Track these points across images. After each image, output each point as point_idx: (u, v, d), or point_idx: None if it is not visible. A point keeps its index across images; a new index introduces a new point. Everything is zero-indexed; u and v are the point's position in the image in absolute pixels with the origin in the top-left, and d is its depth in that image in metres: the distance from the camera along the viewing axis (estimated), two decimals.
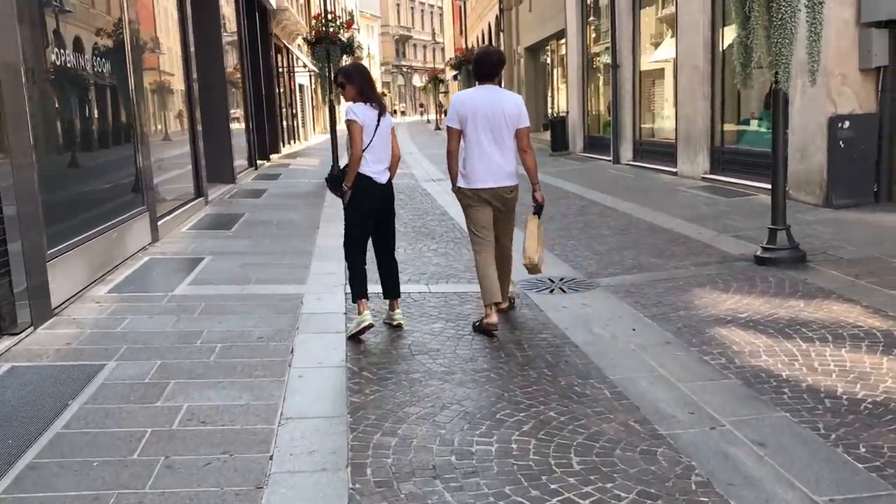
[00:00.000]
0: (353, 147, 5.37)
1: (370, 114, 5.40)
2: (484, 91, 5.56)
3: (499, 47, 33.26)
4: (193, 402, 4.17)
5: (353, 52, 16.63)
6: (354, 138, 5.36)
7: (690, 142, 13.18)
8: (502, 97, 5.61)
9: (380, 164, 5.52)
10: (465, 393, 4.34)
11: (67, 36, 6.84)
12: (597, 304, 6.14)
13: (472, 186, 5.54)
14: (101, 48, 7.64)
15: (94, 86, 7.38)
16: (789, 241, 6.99)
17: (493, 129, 5.47)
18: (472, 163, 5.52)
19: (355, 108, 5.38)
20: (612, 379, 4.53)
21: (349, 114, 5.37)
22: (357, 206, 5.52)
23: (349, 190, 5.44)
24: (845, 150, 9.33)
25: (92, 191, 7.17)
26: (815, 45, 6.47)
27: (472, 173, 5.53)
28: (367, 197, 5.51)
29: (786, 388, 4.29)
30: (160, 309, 6.02)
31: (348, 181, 5.43)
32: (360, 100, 5.45)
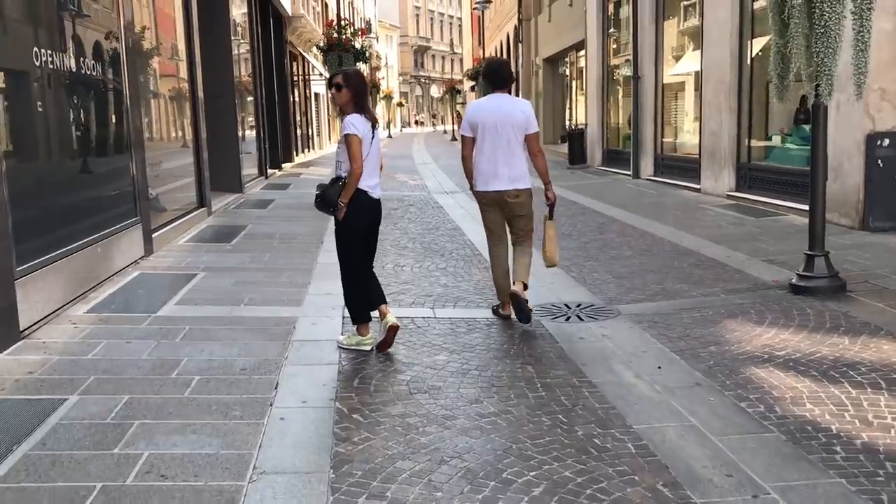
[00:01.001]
0: (354, 162, 5.01)
1: (366, 126, 5.14)
2: (494, 99, 5.88)
3: (517, 58, 32.95)
4: (156, 449, 3.65)
5: (366, 60, 16.21)
6: (355, 153, 5.01)
7: (715, 157, 12.60)
8: (510, 105, 5.90)
9: (373, 178, 5.24)
10: (468, 444, 3.79)
11: (51, 35, 6.38)
12: (618, 336, 5.58)
13: (480, 189, 5.93)
14: (91, 49, 7.17)
15: (82, 89, 6.90)
16: (828, 269, 6.40)
17: (499, 136, 5.77)
18: (480, 167, 5.87)
19: (354, 121, 5.05)
20: (637, 429, 3.97)
21: (348, 127, 5.03)
22: (352, 224, 5.17)
23: (344, 207, 5.06)
24: (884, 170, 8.73)
25: (75, 202, 6.67)
26: (863, 56, 5.91)
27: (479, 177, 5.89)
28: (364, 213, 5.20)
29: (837, 446, 3.71)
30: (139, 332, 5.51)
31: (345, 197, 5.05)
32: (352, 109, 5.12)
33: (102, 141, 7.59)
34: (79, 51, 6.84)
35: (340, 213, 5.08)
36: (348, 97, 5.13)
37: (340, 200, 5.04)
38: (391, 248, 9.00)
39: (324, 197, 5.13)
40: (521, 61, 32.32)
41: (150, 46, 9.64)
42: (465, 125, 5.94)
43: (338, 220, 5.17)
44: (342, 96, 5.13)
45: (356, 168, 4.99)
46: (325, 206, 5.16)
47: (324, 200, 5.14)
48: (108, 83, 7.60)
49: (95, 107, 7.34)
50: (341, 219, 5.12)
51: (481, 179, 5.88)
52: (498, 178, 5.80)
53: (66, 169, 6.67)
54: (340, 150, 5.16)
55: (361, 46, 15.94)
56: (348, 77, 5.21)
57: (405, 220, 11.23)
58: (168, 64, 10.60)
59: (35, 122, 6.09)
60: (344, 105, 5.14)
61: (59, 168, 6.52)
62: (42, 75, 6.04)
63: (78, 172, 6.90)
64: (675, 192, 13.60)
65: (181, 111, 11.10)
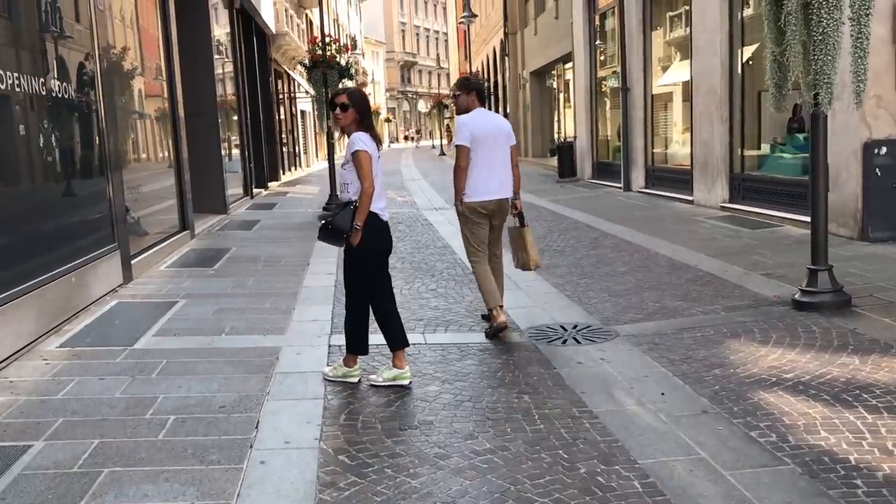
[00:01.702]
0: (366, 180, 4.72)
1: (373, 144, 4.87)
2: (484, 113, 6.20)
3: (504, 72, 32.85)
4: (126, 501, 3.37)
5: (352, 77, 15.96)
6: (366, 170, 4.73)
7: (707, 168, 12.41)
8: (499, 119, 6.44)
9: (382, 199, 5.00)
10: (463, 486, 3.52)
11: (17, 55, 6.12)
12: (617, 360, 5.33)
13: (482, 199, 6.01)
14: (63, 70, 6.92)
15: (52, 111, 6.63)
16: (832, 283, 6.18)
17: (498, 147, 6.06)
18: (483, 178, 6.00)
19: (363, 138, 4.79)
20: (642, 465, 3.71)
21: (357, 143, 4.75)
22: (369, 249, 4.86)
23: (360, 230, 4.74)
24: (882, 178, 8.54)
25: (47, 229, 6.38)
26: (862, 62, 5.71)
27: (482, 188, 6.01)
28: (381, 236, 4.95)
29: (858, 480, 3.47)
30: (114, 368, 5.23)
31: (361, 219, 4.73)
32: (358, 128, 4.85)
33: (75, 164, 7.31)
34: (49, 72, 6.58)
35: (356, 237, 4.75)
36: (353, 117, 4.85)
37: (356, 224, 4.72)
38: None
39: (334, 224, 4.78)
40: (509, 75, 32.22)
41: (128, 66, 9.39)
42: (465, 136, 5.95)
43: (350, 248, 4.82)
44: (347, 117, 4.85)
45: (369, 186, 4.70)
46: (334, 234, 4.81)
47: (334, 228, 4.78)
48: (80, 104, 7.33)
49: (67, 129, 7.07)
50: (356, 244, 4.78)
51: (479, 190, 6.00)
52: (496, 188, 6.06)
53: (37, 195, 6.38)
54: (346, 171, 4.83)
55: (347, 63, 15.67)
56: (353, 96, 4.94)
57: (394, 239, 10.93)
58: (147, 83, 10.34)
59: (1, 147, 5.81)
60: (347, 126, 4.87)
61: (28, 194, 6.24)
62: (7, 98, 5.77)
63: (50, 198, 6.63)
64: (668, 204, 13.40)
65: (162, 131, 10.84)
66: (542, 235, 10.82)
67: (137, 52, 9.87)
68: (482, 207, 6.05)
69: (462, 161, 5.97)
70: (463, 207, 6.07)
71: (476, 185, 6.00)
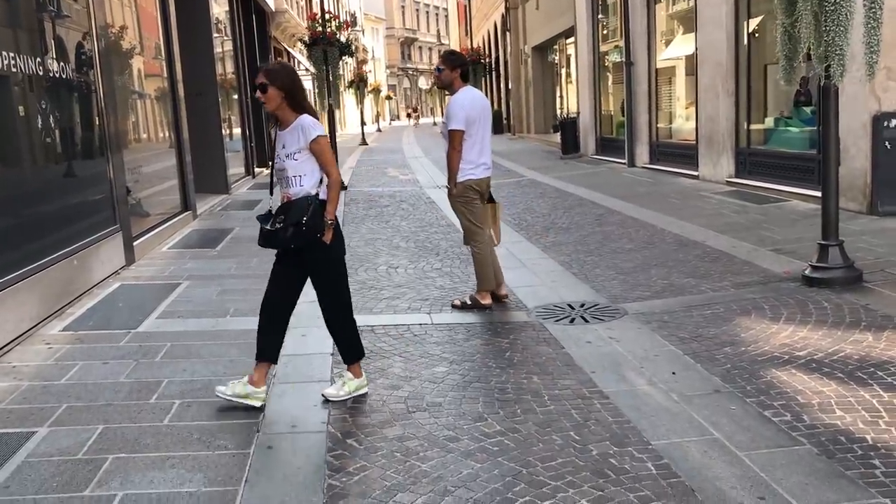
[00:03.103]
0: (333, 167, 4.19)
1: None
2: (472, 91, 6.19)
3: (505, 47, 32.56)
4: (131, 488, 3.32)
5: (352, 54, 15.83)
6: (331, 157, 4.23)
7: (713, 143, 12.28)
8: (483, 96, 6.46)
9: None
10: (474, 469, 3.47)
11: (14, 35, 6.01)
12: (626, 338, 5.26)
13: (477, 177, 6.04)
14: (61, 50, 6.81)
15: (51, 92, 6.53)
16: (843, 259, 6.09)
17: (486, 125, 6.15)
18: (476, 156, 6.01)
19: (317, 121, 4.20)
20: (655, 445, 3.65)
21: (316, 128, 4.14)
22: (341, 243, 4.35)
23: (333, 223, 4.20)
24: (892, 152, 8.42)
25: (48, 212, 6.31)
26: (875, 34, 5.59)
27: (472, 166, 6.00)
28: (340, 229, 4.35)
29: (876, 460, 3.40)
30: (118, 351, 5.17)
31: (332, 211, 4.18)
32: (294, 111, 4.15)
33: (75, 145, 7.23)
34: (47, 52, 6.47)
35: (330, 232, 4.18)
36: (279, 98, 4.10)
37: (328, 218, 4.14)
38: (384, 248, 8.66)
39: (308, 225, 4.07)
40: (510, 50, 31.94)
41: (127, 45, 9.27)
42: (460, 120, 5.89)
43: (322, 248, 4.19)
44: (271, 99, 4.09)
45: (337, 174, 4.18)
46: (307, 235, 4.10)
47: (309, 228, 4.08)
48: (79, 84, 7.23)
49: (66, 110, 6.98)
50: (330, 239, 4.21)
51: (476, 168, 6.02)
52: (487, 165, 6.15)
53: (37, 177, 6.31)
54: (299, 161, 4.12)
55: (347, 40, 15.53)
56: (273, 73, 4.13)
57: (397, 218, 10.89)
58: (146, 63, 10.22)
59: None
60: (277, 109, 4.13)
61: (27, 176, 6.16)
62: (6, 79, 5.67)
63: (50, 180, 6.55)
64: (673, 179, 13.28)
65: (162, 111, 10.73)
66: (546, 213, 10.75)
67: (136, 31, 9.75)
68: (477, 185, 6.07)
69: (457, 145, 5.92)
70: (459, 188, 6.04)
71: (470, 164, 6.00)
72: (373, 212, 11.58)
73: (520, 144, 25.48)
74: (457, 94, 6.03)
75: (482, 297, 6.13)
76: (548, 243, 8.60)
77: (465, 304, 6.12)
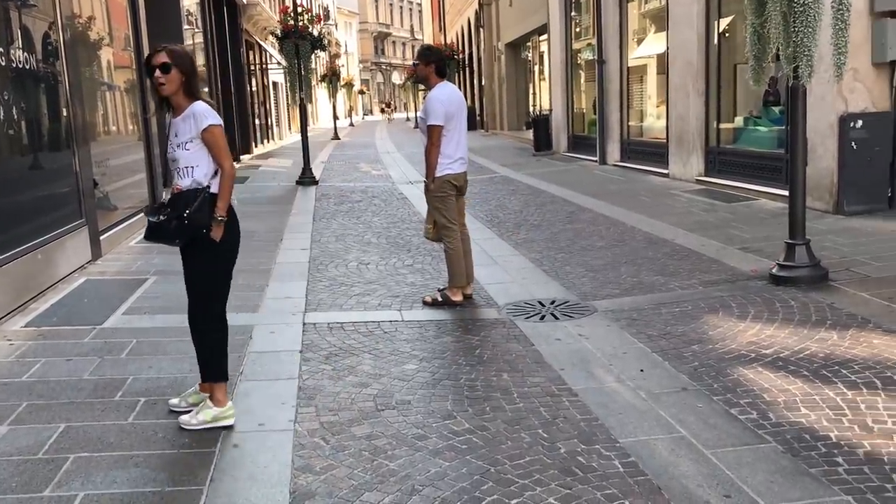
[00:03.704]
0: (226, 159, 3.83)
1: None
2: (450, 87, 6.22)
3: (479, 43, 32.54)
4: (93, 488, 3.26)
5: (325, 48, 15.71)
6: (224, 147, 3.84)
7: (683, 141, 12.37)
8: (459, 92, 6.47)
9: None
10: (442, 468, 3.45)
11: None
12: (595, 336, 5.28)
13: (455, 172, 6.09)
14: (23, 40, 6.67)
15: (14, 82, 6.39)
16: (809, 258, 6.16)
17: (462, 121, 6.16)
18: (455, 150, 6.06)
19: (211, 109, 3.85)
20: (623, 444, 3.66)
21: (209, 116, 3.78)
22: (233, 243, 3.94)
23: (223, 220, 3.81)
24: (858, 152, 8.53)
25: (10, 205, 6.18)
26: (842, 35, 5.65)
27: (455, 160, 6.07)
28: (238, 226, 3.97)
29: (839, 457, 3.44)
30: (82, 348, 5.09)
31: (223, 207, 3.80)
32: (188, 98, 3.82)
33: (40, 138, 7.10)
34: (11, 42, 6.34)
35: (219, 231, 3.80)
36: (179, 82, 3.77)
37: (218, 214, 3.77)
38: (355, 244, 8.62)
39: (191, 219, 3.72)
40: (483, 47, 31.93)
41: (94, 36, 9.12)
42: (440, 115, 5.93)
43: (209, 246, 3.82)
44: (171, 80, 3.73)
45: (231, 166, 3.82)
46: (188, 229, 3.75)
47: (192, 224, 3.73)
48: (45, 76, 7.10)
49: (30, 101, 6.85)
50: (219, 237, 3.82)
51: (454, 163, 6.07)
52: (464, 160, 6.20)
53: (0, 169, 6.18)
54: (191, 151, 3.78)
55: (319, 33, 15.40)
56: (175, 54, 3.79)
57: (369, 213, 10.85)
58: (114, 54, 10.06)
59: None
60: (173, 93, 3.78)
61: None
62: None
63: (13, 173, 6.42)
64: (644, 177, 13.36)
65: (130, 104, 10.57)
66: (518, 210, 10.76)
67: (104, 22, 9.59)
68: (454, 180, 6.12)
69: (436, 140, 5.94)
70: (437, 182, 6.05)
71: (448, 160, 6.04)
72: (344, 207, 11.52)
73: (493, 141, 25.49)
74: (434, 90, 6.05)
75: (453, 294, 6.12)
76: (519, 240, 8.61)
77: (436, 300, 6.11)
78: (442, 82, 6.11)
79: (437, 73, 6.10)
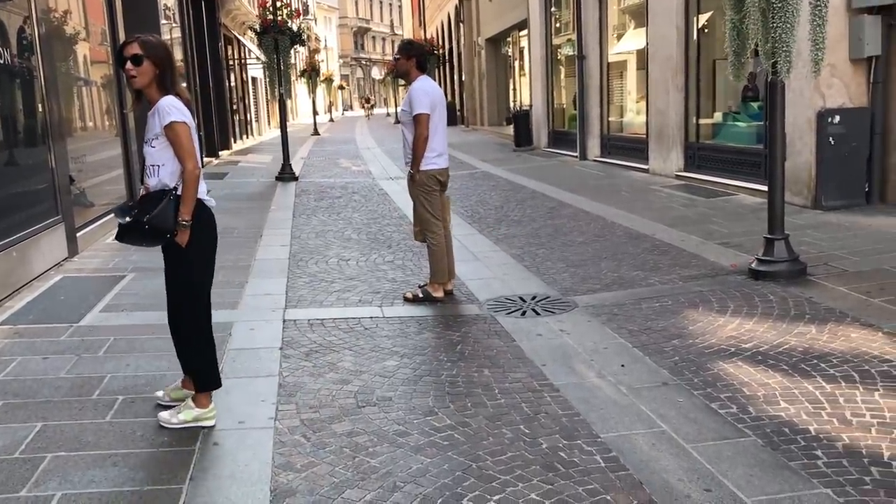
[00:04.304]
0: (190, 159, 3.61)
1: (189, 112, 3.70)
2: (430, 81, 6.21)
3: (458, 38, 32.50)
4: (70, 488, 3.22)
5: (304, 42, 15.62)
6: (188, 146, 3.62)
7: (663, 137, 12.42)
8: (438, 87, 6.43)
9: (203, 182, 3.79)
10: (423, 464, 3.44)
11: None
12: (576, 331, 5.29)
13: (440, 167, 6.09)
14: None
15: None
16: (788, 253, 6.20)
17: (443, 115, 6.16)
18: (437, 145, 6.03)
19: (175, 104, 3.62)
20: (604, 438, 3.67)
21: (171, 112, 3.58)
22: (203, 246, 3.79)
23: (188, 224, 3.65)
24: (835, 147, 8.61)
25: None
26: (820, 31, 5.69)
27: (439, 155, 6.07)
28: (212, 228, 3.84)
29: (818, 450, 3.47)
30: (59, 346, 5.02)
31: (187, 211, 3.63)
32: (156, 91, 3.65)
33: (15, 133, 7.00)
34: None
35: (185, 235, 3.66)
36: (151, 74, 3.60)
37: (182, 218, 3.62)
38: (335, 240, 8.58)
39: (152, 223, 3.58)
40: (463, 42, 31.90)
41: (70, 31, 9.01)
42: (425, 104, 5.92)
43: (176, 249, 3.71)
44: (143, 73, 3.57)
45: (194, 166, 3.61)
46: (153, 235, 3.64)
47: (153, 228, 3.59)
48: (19, 71, 7.01)
49: (5, 96, 6.80)
50: (185, 243, 3.68)
51: (438, 158, 6.06)
52: (446, 155, 6.19)
53: None
54: (157, 148, 3.65)
55: (298, 28, 15.31)
56: (148, 45, 3.60)
57: (349, 209, 10.80)
58: (90, 49, 9.94)
59: None
60: (146, 86, 3.62)
61: None
62: None
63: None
64: (623, 173, 13.40)
65: (107, 99, 10.46)
66: (499, 205, 10.76)
67: (80, 16, 9.49)
68: (439, 175, 6.13)
69: (425, 130, 5.91)
70: (423, 176, 6.03)
71: (433, 152, 6.02)
72: (324, 203, 11.47)
73: (473, 136, 25.48)
74: (416, 83, 6.05)
75: (434, 290, 6.11)
76: (500, 236, 8.61)
77: (417, 296, 6.10)
78: (422, 76, 6.10)
79: (417, 67, 6.10)
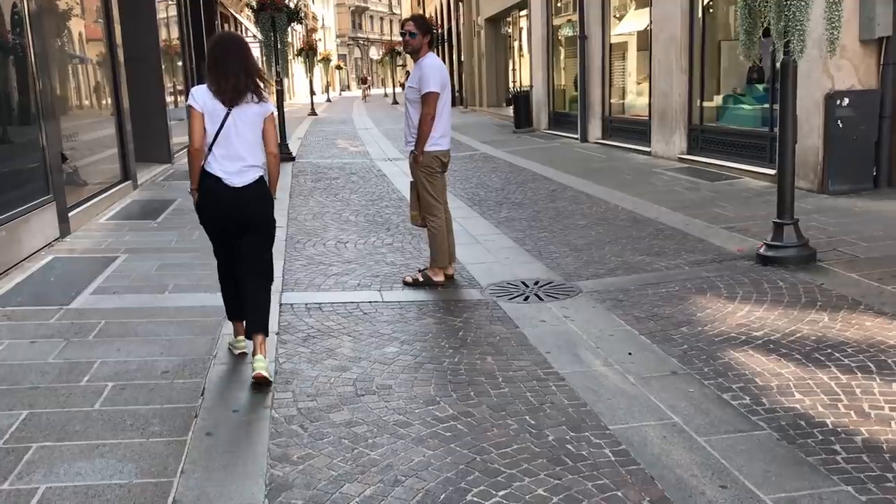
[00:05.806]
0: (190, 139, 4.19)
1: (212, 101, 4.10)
2: (438, 59, 6.01)
3: (458, 18, 32.18)
4: (56, 481, 3.08)
5: (301, 21, 15.38)
6: (189, 127, 4.18)
7: (666, 119, 12.23)
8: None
9: (235, 161, 4.15)
10: (425, 457, 3.30)
11: None
12: (581, 317, 5.14)
13: (443, 148, 5.92)
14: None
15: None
16: (797, 238, 6.05)
17: (448, 95, 5.94)
18: (442, 126, 5.85)
19: (196, 92, 4.17)
20: (613, 430, 3.53)
21: (189, 97, 4.23)
22: (202, 215, 4.34)
23: (194, 192, 4.25)
24: (844, 131, 8.43)
25: None
26: (836, 10, 5.51)
27: (443, 136, 5.89)
28: (214, 204, 4.23)
29: (836, 445, 3.33)
30: (47, 329, 4.87)
31: (192, 181, 4.24)
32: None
33: (6, 111, 6.81)
34: None
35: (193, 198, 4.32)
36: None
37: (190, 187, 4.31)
38: (332, 222, 8.42)
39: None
40: (462, 22, 31.57)
41: (62, 6, 8.79)
42: (436, 82, 5.71)
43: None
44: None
45: (191, 144, 4.17)
46: None
47: None
48: (10, 47, 6.81)
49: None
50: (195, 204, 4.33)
51: (442, 139, 5.89)
52: (449, 137, 6.02)
53: None
54: None
55: (295, 6, 15.06)
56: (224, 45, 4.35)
57: (347, 191, 10.63)
58: (84, 26, 9.72)
59: None
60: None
61: None
62: None
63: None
64: (625, 155, 13.22)
65: (101, 77, 10.24)
66: (500, 187, 10.59)
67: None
68: (443, 156, 5.97)
69: (432, 109, 5.72)
70: (427, 157, 5.85)
71: (437, 133, 5.85)
72: (321, 184, 11.30)
73: (472, 117, 25.24)
74: (427, 59, 5.84)
75: (435, 274, 5.96)
76: (501, 219, 8.45)
77: (418, 281, 5.95)
78: (430, 53, 5.92)
79: (429, 44, 5.95)
